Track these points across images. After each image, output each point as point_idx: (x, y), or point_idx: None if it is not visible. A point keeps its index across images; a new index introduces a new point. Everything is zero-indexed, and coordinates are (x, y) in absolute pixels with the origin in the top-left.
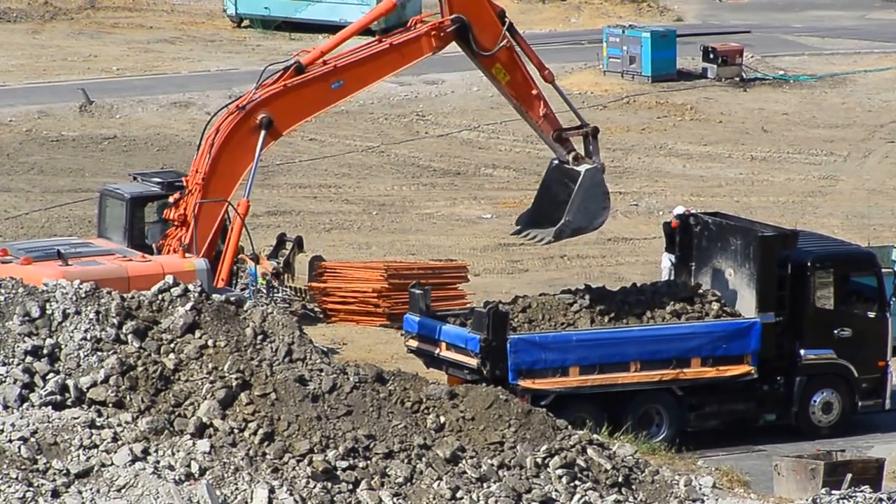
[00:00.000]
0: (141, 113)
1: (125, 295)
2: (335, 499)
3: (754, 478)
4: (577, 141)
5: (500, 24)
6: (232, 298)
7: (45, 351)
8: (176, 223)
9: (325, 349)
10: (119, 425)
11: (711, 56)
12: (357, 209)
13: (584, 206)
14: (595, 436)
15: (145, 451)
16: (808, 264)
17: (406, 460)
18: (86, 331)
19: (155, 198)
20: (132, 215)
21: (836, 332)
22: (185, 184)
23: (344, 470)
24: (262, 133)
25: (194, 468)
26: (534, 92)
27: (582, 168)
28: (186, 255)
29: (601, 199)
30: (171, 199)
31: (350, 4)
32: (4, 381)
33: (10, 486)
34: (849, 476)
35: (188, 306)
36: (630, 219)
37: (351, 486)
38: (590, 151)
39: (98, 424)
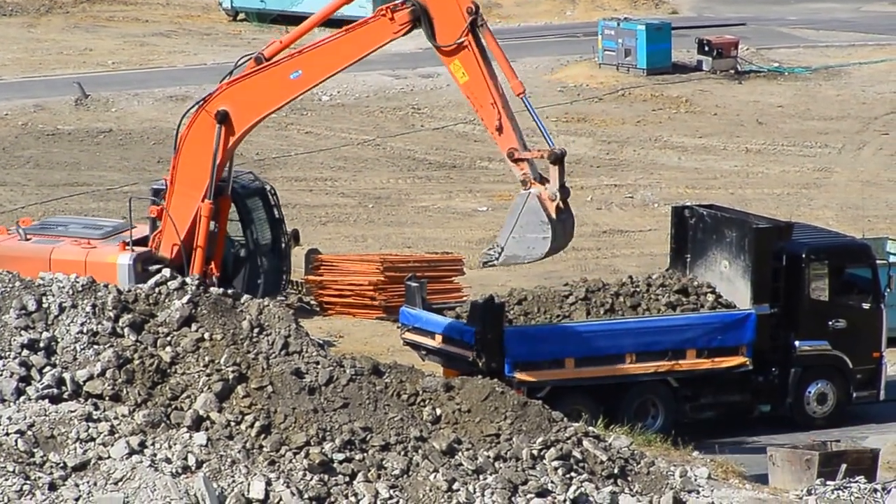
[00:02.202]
0: (137, 106)
1: (121, 288)
2: (332, 491)
3: (749, 468)
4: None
5: (463, 16)
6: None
7: (41, 344)
8: (159, 220)
9: (322, 342)
10: (116, 418)
11: (706, 48)
12: (353, 202)
13: (519, 234)
14: (591, 427)
15: (142, 444)
16: (803, 256)
17: (402, 452)
18: (82, 324)
19: None
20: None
21: (830, 323)
22: (164, 183)
23: (340, 462)
24: (218, 127)
25: (191, 461)
26: (490, 101)
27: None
28: (126, 247)
29: (538, 228)
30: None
31: None
32: (1, 375)
33: (7, 479)
34: (843, 466)
35: (185, 299)
36: (625, 211)
37: (347, 479)
38: (549, 176)
39: (95, 417)
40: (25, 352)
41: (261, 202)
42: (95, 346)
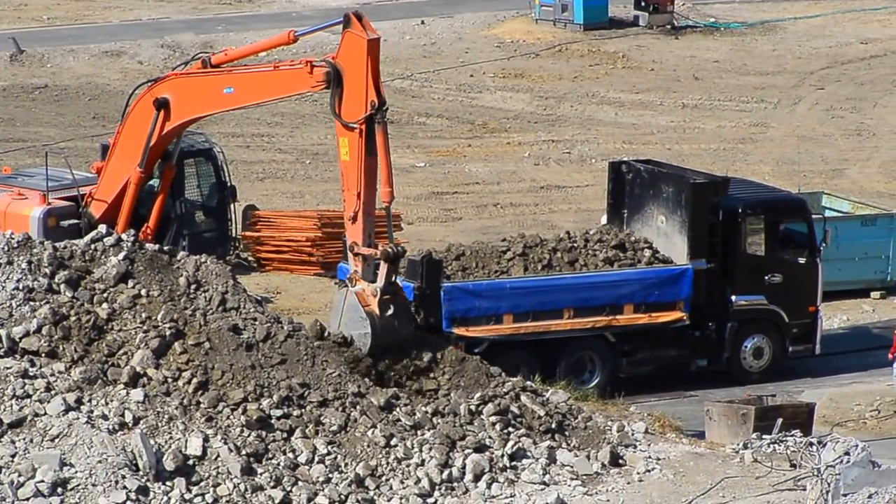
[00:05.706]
0: (72, 62)
1: (58, 245)
2: (269, 447)
3: (686, 423)
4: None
5: (366, 107)
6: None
7: None
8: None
9: (259, 298)
10: (52, 375)
11: (643, 4)
12: (290, 158)
13: (346, 330)
14: (528, 383)
15: (79, 401)
16: (740, 211)
17: (340, 408)
18: (18, 280)
19: None
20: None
21: (766, 278)
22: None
23: (278, 418)
24: (155, 113)
25: (128, 417)
26: (357, 191)
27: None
28: (46, 201)
29: (359, 323)
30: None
31: None
32: None
33: None
34: (779, 420)
35: (121, 256)
36: (563, 167)
37: (285, 435)
38: (380, 275)
39: (31, 374)
40: None
41: (208, 163)
42: (31, 303)
